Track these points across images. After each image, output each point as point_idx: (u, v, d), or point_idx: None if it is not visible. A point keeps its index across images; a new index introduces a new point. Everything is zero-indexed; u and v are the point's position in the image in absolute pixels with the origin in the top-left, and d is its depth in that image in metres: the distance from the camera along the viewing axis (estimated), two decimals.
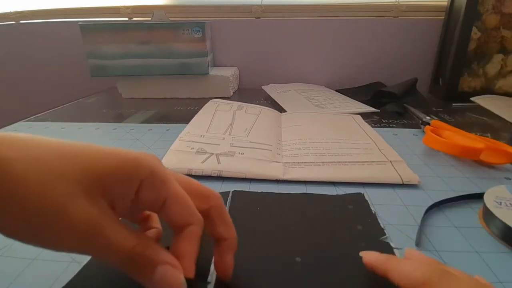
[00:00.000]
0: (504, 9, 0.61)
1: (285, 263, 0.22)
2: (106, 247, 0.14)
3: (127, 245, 0.15)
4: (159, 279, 0.15)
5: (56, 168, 0.14)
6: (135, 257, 0.15)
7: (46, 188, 0.13)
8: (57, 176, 0.14)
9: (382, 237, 0.24)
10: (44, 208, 0.13)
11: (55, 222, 0.13)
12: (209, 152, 0.37)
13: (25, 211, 0.13)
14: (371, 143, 0.41)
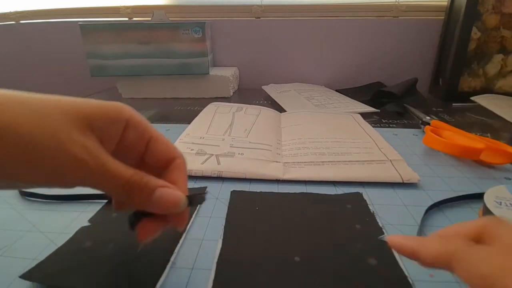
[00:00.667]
0: (504, 9, 0.61)
1: (284, 262, 0.22)
2: (106, 173, 0.15)
3: (126, 173, 0.16)
4: (159, 198, 0.16)
5: (43, 110, 0.15)
6: (134, 183, 0.16)
7: (39, 126, 0.14)
8: (46, 115, 0.14)
9: (380, 236, 0.24)
10: (41, 143, 0.14)
11: (53, 154, 0.14)
12: (209, 153, 0.37)
13: (22, 151, 0.13)
14: (371, 142, 0.41)
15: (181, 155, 0.20)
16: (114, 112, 0.17)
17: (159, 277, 0.20)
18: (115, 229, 0.25)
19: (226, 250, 0.23)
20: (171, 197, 0.17)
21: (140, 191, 0.16)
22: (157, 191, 0.17)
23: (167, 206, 0.17)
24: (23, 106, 0.14)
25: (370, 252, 0.23)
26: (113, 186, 0.16)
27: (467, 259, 0.13)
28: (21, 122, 0.14)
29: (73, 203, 0.29)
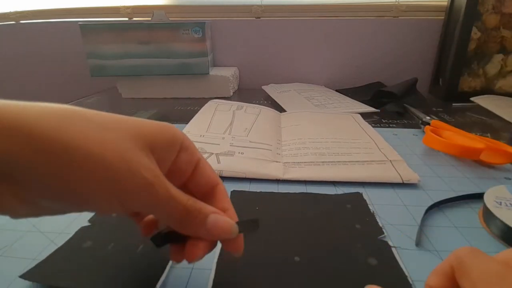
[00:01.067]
0: (504, 9, 0.61)
1: (284, 262, 0.22)
2: (168, 199, 0.15)
3: (184, 197, 0.16)
4: (213, 225, 0.16)
5: (111, 127, 0.14)
6: (189, 208, 0.16)
7: (109, 146, 0.13)
8: (115, 134, 0.14)
9: (380, 236, 0.24)
10: (111, 165, 0.13)
11: (124, 177, 0.13)
12: (209, 152, 0.37)
13: (92, 173, 0.13)
14: (371, 142, 0.41)
15: (221, 181, 0.20)
16: (171, 133, 0.17)
17: (159, 277, 0.20)
18: (115, 229, 0.25)
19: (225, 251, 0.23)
20: (224, 224, 0.17)
21: (195, 217, 0.16)
22: (210, 218, 0.16)
23: (220, 233, 0.17)
24: (90, 123, 0.14)
25: (370, 252, 0.23)
26: (173, 212, 0.15)
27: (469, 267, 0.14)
28: (91, 141, 0.13)
29: None
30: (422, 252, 0.23)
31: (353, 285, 0.20)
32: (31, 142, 0.12)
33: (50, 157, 0.12)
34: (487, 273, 0.13)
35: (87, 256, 0.22)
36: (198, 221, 0.16)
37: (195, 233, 0.17)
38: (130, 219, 0.20)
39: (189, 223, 0.16)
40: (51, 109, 0.13)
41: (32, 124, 0.12)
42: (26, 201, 0.13)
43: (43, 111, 0.13)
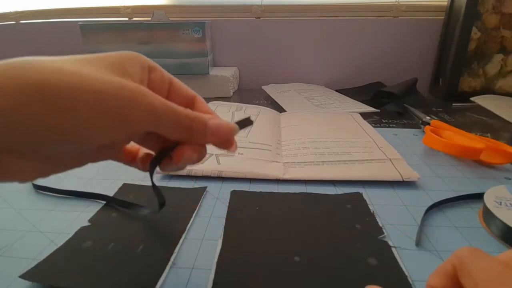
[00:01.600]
0: (504, 9, 0.61)
1: (284, 262, 0.22)
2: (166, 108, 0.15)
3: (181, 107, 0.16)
4: (215, 128, 0.17)
5: (86, 63, 0.14)
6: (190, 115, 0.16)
7: (101, 79, 0.13)
8: (92, 66, 0.14)
9: (380, 236, 0.24)
10: (111, 96, 0.13)
11: (126, 104, 0.14)
12: (209, 153, 0.37)
13: (99, 108, 0.13)
14: (370, 141, 0.41)
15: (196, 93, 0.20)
16: (137, 57, 0.17)
17: (159, 277, 0.20)
18: (115, 229, 0.25)
19: (226, 250, 0.23)
20: (224, 125, 0.17)
21: (198, 124, 0.17)
22: (210, 122, 0.17)
23: (224, 134, 0.18)
24: (69, 61, 0.14)
25: (370, 252, 0.23)
26: (176, 121, 0.16)
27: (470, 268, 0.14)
28: (78, 74, 0.13)
29: (73, 203, 0.29)
30: (422, 252, 0.23)
31: (353, 285, 0.20)
32: (13, 85, 0.12)
33: (35, 98, 0.12)
34: (489, 273, 0.13)
35: (87, 256, 0.22)
36: (201, 127, 0.17)
37: (201, 139, 0.17)
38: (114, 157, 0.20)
39: (195, 131, 0.17)
40: (26, 58, 0.13)
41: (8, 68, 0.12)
42: (29, 156, 0.13)
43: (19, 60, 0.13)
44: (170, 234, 0.25)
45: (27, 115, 0.12)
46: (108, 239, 0.24)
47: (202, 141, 0.17)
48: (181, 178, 0.34)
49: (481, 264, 0.14)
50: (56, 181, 0.34)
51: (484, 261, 0.14)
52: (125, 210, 0.28)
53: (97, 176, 0.34)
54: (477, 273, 0.14)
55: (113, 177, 0.34)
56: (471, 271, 0.14)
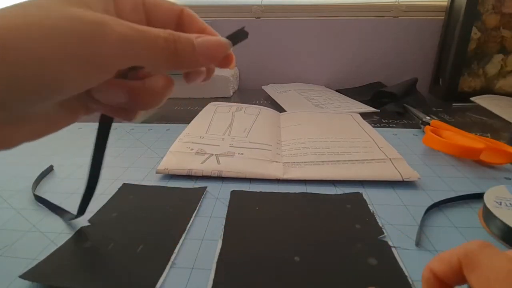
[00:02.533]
0: (504, 9, 0.61)
1: (283, 262, 0.22)
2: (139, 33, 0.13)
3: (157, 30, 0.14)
4: (205, 47, 0.15)
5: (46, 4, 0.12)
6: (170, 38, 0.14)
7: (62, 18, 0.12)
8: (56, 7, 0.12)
9: (380, 236, 0.24)
10: (79, 32, 0.12)
11: (94, 40, 0.12)
12: (209, 153, 0.37)
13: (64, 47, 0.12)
14: (370, 141, 0.41)
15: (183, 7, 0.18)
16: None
17: (159, 277, 0.20)
18: (115, 229, 0.25)
19: (226, 250, 0.23)
20: (213, 42, 0.15)
21: (183, 45, 0.14)
22: (198, 41, 0.15)
23: (216, 51, 0.15)
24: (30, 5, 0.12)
25: (370, 252, 0.23)
26: (157, 48, 0.14)
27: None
28: (47, 19, 0.12)
29: (73, 203, 0.29)
30: (422, 252, 0.23)
31: (353, 285, 0.20)
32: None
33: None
34: (498, 271, 0.13)
35: (87, 256, 0.22)
36: (188, 48, 0.15)
37: (191, 63, 0.15)
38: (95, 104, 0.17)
39: (181, 54, 0.14)
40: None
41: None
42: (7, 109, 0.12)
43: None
44: (170, 234, 0.25)
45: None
46: (108, 239, 0.24)
47: (194, 64, 0.15)
48: (181, 178, 0.34)
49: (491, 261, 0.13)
50: (57, 180, 0.34)
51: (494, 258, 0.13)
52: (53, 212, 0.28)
53: None
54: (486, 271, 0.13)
55: (113, 177, 0.34)
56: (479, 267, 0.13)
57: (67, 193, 0.31)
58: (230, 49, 0.16)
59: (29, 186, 0.31)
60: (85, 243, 0.24)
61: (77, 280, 0.20)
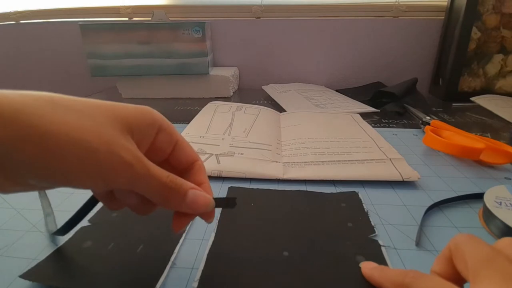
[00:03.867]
0: (504, 9, 0.61)
1: (273, 256, 0.22)
2: (148, 176, 0.16)
3: (163, 175, 0.17)
4: (192, 200, 0.18)
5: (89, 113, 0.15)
6: (170, 184, 0.17)
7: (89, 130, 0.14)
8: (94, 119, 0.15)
9: (371, 234, 0.24)
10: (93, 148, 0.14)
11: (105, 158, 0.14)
12: (209, 153, 0.37)
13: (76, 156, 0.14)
14: (370, 141, 0.41)
15: (200, 158, 0.21)
16: (149, 116, 0.18)
17: (159, 277, 0.20)
18: (115, 229, 0.25)
19: (217, 244, 0.23)
20: (202, 199, 0.18)
21: (176, 193, 0.17)
22: (189, 193, 0.18)
23: (199, 207, 0.18)
24: (70, 110, 0.14)
25: (359, 250, 0.23)
26: (154, 188, 0.17)
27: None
28: (73, 127, 0.14)
29: (73, 203, 0.29)
30: (422, 252, 0.23)
31: (340, 281, 0.20)
32: (13, 127, 0.13)
33: (31, 141, 0.13)
34: (479, 255, 0.14)
35: (87, 256, 0.22)
36: (180, 196, 0.17)
37: (177, 208, 0.18)
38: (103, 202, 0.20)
39: (171, 198, 0.17)
40: (32, 97, 0.14)
41: (14, 111, 0.13)
42: (13, 180, 0.14)
43: (25, 99, 0.13)
44: (170, 234, 0.25)
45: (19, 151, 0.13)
46: (108, 239, 0.24)
47: (178, 209, 0.18)
48: None
49: (473, 248, 0.15)
50: None
51: (476, 245, 0.15)
52: None
53: None
54: (469, 255, 0.15)
55: None
56: (464, 254, 0.15)
57: (67, 192, 0.31)
58: (211, 209, 0.19)
59: None
60: (85, 243, 0.24)
61: (77, 280, 0.20)
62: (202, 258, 0.22)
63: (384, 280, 0.18)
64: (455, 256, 0.16)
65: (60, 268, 0.21)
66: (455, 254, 0.16)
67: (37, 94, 0.14)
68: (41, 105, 0.14)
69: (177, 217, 0.19)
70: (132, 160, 0.15)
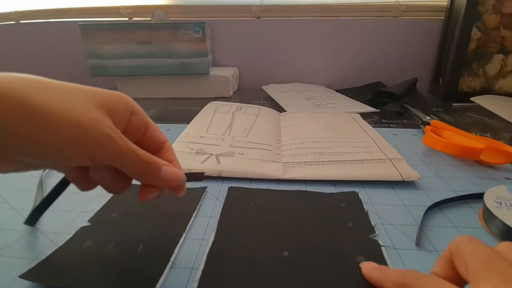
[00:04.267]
0: (504, 9, 0.61)
1: (273, 256, 0.22)
2: (129, 151, 0.17)
3: (141, 152, 0.18)
4: (165, 175, 0.19)
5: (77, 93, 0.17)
6: (147, 159, 0.19)
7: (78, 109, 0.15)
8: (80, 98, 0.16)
9: (371, 234, 0.24)
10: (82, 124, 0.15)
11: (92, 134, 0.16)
12: (209, 153, 0.37)
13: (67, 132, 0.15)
14: (370, 141, 0.41)
15: (167, 139, 0.23)
16: (124, 99, 0.19)
17: (159, 277, 0.20)
18: (115, 229, 0.25)
19: (217, 244, 0.23)
20: (174, 174, 0.20)
21: (153, 169, 0.19)
22: (163, 169, 0.19)
23: (172, 181, 0.20)
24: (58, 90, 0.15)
25: (359, 250, 0.23)
26: (134, 163, 0.18)
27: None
28: (63, 105, 0.15)
29: (73, 203, 0.29)
30: (422, 252, 0.23)
31: (340, 281, 0.20)
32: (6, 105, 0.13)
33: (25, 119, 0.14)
34: (479, 256, 0.15)
35: (87, 256, 0.22)
36: (155, 172, 0.19)
37: (153, 182, 0.20)
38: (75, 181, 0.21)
39: (148, 173, 0.19)
40: (22, 78, 0.15)
41: (7, 90, 0.13)
42: (7, 158, 0.15)
43: (15, 79, 0.14)
44: (170, 234, 0.25)
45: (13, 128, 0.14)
46: (108, 239, 0.24)
47: (154, 183, 0.20)
48: None
49: (473, 249, 0.15)
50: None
51: (476, 246, 0.15)
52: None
53: None
54: (470, 257, 0.15)
55: None
56: (464, 254, 0.15)
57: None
58: (183, 183, 0.21)
59: (29, 186, 0.31)
60: (85, 243, 0.24)
61: (77, 280, 0.20)
62: (202, 258, 0.22)
63: (384, 280, 0.18)
64: (455, 257, 0.16)
65: (60, 268, 0.21)
66: (456, 255, 0.16)
67: (27, 76, 0.15)
68: (32, 85, 0.14)
69: (144, 188, 0.20)
70: (116, 138, 0.17)
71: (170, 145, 0.23)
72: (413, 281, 0.16)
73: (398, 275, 0.17)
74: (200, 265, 0.21)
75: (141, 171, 0.19)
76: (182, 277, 0.21)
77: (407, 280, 0.16)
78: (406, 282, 0.16)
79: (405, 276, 0.16)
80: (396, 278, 0.17)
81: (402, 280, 0.16)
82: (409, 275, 0.16)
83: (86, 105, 0.16)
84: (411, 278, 0.16)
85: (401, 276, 0.17)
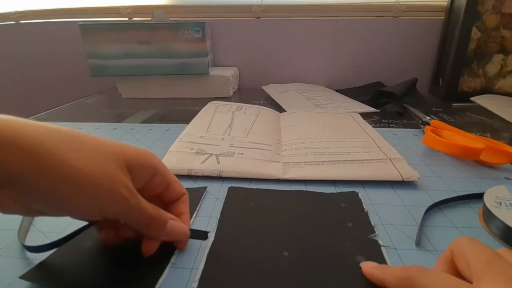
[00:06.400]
0: (504, 9, 0.61)
1: (273, 256, 0.22)
2: (138, 210, 0.19)
3: (150, 207, 0.20)
4: (170, 230, 0.21)
5: (100, 149, 0.18)
6: (155, 215, 0.20)
7: (96, 166, 0.17)
8: (102, 155, 0.18)
9: (371, 234, 0.24)
10: (98, 182, 0.16)
11: (106, 192, 0.17)
12: (209, 153, 0.37)
13: (83, 189, 0.16)
14: (370, 141, 0.41)
15: (186, 191, 0.25)
16: (147, 159, 0.21)
17: (159, 277, 0.20)
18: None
19: (217, 244, 0.24)
20: (179, 229, 0.21)
21: (158, 222, 0.20)
22: (169, 224, 0.21)
23: (176, 236, 0.21)
24: (83, 144, 0.17)
25: (359, 250, 0.23)
26: (141, 220, 0.19)
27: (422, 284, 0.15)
28: (85, 161, 0.16)
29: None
30: (422, 252, 0.23)
31: (340, 281, 0.20)
32: (33, 159, 0.14)
33: (48, 173, 0.15)
34: (482, 257, 0.15)
35: (87, 256, 0.22)
36: (160, 226, 0.20)
37: (157, 235, 0.21)
38: (93, 226, 0.23)
39: (153, 227, 0.20)
40: (51, 130, 0.16)
41: (36, 145, 0.15)
42: (21, 204, 0.16)
43: (45, 133, 0.15)
44: None
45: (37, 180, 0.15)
46: None
47: (157, 237, 0.21)
48: (181, 178, 0.33)
49: (475, 249, 0.16)
50: None
51: (477, 247, 0.16)
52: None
53: None
54: (472, 257, 0.15)
55: None
56: (465, 254, 0.16)
57: None
58: (187, 238, 0.23)
59: None
60: (85, 244, 0.24)
61: (77, 281, 0.20)
62: (202, 258, 0.22)
63: (388, 277, 0.18)
64: (457, 257, 0.16)
65: (60, 269, 0.21)
66: (457, 255, 0.16)
67: (55, 128, 0.16)
68: (59, 138, 0.16)
69: (146, 242, 0.21)
70: (128, 196, 0.18)
71: (187, 197, 0.24)
72: (418, 274, 0.16)
73: (402, 270, 0.17)
74: (200, 265, 0.21)
75: (146, 225, 0.20)
76: (182, 277, 0.21)
77: (411, 274, 0.16)
78: (411, 275, 0.16)
79: (409, 270, 0.17)
80: (400, 273, 0.17)
81: (406, 274, 0.16)
82: (413, 268, 0.16)
83: (107, 162, 0.17)
84: (416, 272, 0.16)
85: (405, 271, 0.17)
